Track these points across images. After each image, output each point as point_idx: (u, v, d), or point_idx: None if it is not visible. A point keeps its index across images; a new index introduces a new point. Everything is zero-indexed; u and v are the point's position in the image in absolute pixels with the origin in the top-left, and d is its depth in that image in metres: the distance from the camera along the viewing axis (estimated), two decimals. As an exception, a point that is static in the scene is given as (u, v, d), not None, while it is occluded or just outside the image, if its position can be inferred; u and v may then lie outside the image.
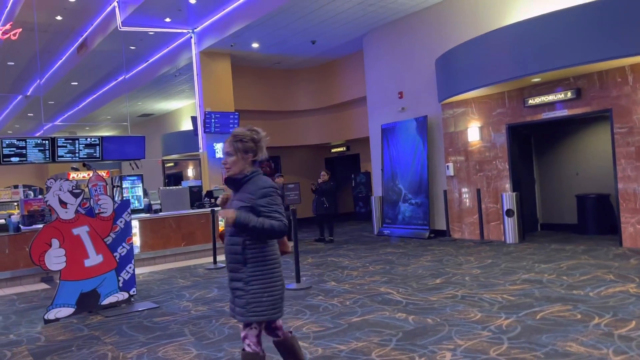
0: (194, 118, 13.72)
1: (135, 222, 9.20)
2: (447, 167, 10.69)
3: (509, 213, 9.30)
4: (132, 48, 13.65)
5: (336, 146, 17.55)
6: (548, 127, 10.38)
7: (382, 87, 12.46)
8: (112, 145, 10.73)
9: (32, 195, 12.09)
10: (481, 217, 9.96)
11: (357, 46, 13.58)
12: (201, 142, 13.17)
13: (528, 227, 10.14)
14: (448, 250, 9.01)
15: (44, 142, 9.91)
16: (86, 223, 5.75)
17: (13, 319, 6.01)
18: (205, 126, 12.73)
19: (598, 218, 9.59)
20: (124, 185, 10.77)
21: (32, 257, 5.37)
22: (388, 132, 12.09)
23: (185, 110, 18.96)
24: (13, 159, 9.61)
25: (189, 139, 14.95)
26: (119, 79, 16.48)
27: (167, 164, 18.46)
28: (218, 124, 12.83)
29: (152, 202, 10.26)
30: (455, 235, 10.60)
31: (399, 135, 11.77)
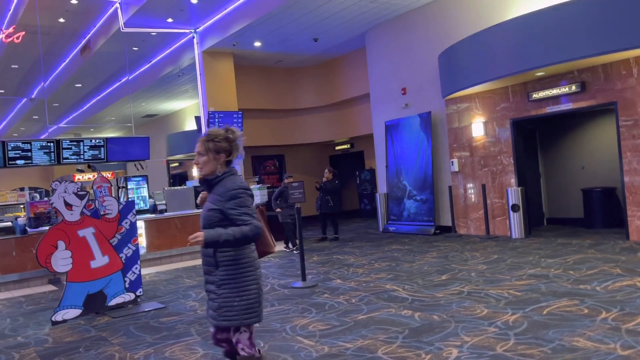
0: (197, 118, 13.74)
1: (140, 223, 9.23)
2: (452, 162, 10.65)
3: (515, 208, 9.27)
4: (134, 49, 13.68)
5: (340, 144, 17.51)
6: (553, 121, 10.33)
7: (385, 84, 12.42)
8: (117, 147, 10.77)
9: (38, 197, 12.13)
10: (486, 212, 9.93)
11: (360, 43, 13.55)
12: (205, 142, 13.16)
13: (534, 222, 10.10)
14: (454, 246, 8.99)
15: (49, 144, 9.97)
16: (91, 224, 5.78)
17: (21, 321, 6.04)
18: (209, 126, 12.75)
19: (604, 212, 9.55)
20: (128, 186, 10.82)
21: (38, 259, 5.41)
22: (392, 128, 12.06)
23: (189, 110, 18.99)
24: (19, 162, 9.67)
25: (193, 139, 14.89)
26: (122, 80, 16.52)
27: (172, 164, 18.51)
28: (222, 124, 12.85)
29: (158, 203, 10.30)
30: (461, 231, 10.58)
31: (403, 132, 11.74)
